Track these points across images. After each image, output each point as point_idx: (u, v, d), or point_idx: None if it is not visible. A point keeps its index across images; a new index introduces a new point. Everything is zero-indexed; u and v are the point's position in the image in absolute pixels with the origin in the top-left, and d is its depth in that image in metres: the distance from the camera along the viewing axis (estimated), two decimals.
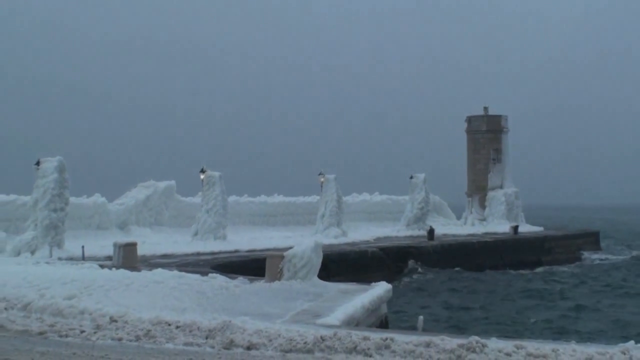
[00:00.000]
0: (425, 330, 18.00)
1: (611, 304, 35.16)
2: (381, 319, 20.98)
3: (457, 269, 47.10)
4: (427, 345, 12.56)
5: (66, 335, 14.05)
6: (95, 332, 14.19)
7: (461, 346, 12.35)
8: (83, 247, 32.50)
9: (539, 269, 53.05)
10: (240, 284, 21.98)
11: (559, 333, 26.32)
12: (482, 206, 70.83)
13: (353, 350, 12.49)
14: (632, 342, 13.01)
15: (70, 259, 30.65)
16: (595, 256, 61.65)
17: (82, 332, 14.26)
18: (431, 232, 53.20)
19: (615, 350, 12.06)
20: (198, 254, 35.64)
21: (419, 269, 44.34)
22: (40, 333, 14.25)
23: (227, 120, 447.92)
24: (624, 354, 11.76)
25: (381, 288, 21.93)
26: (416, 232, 55.86)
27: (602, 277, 47.60)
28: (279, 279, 23.13)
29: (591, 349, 12.44)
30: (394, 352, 12.35)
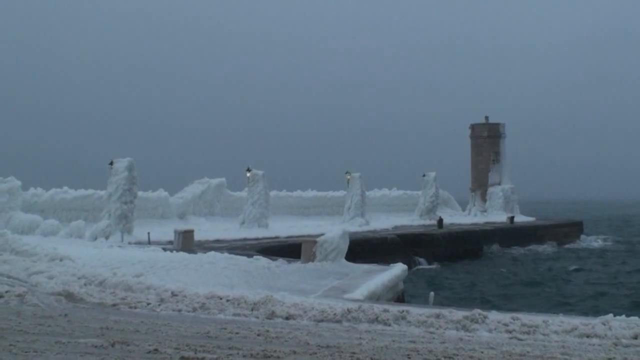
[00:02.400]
0: (436, 304, 17.88)
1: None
2: (398, 294, 20.92)
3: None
4: (437, 316, 12.53)
5: (135, 307, 14.15)
6: (159, 305, 14.27)
7: (466, 317, 12.32)
8: (149, 233, 32.71)
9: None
10: (280, 265, 22.00)
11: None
12: (484, 200, 70.76)
13: (375, 320, 12.47)
14: (610, 314, 12.87)
15: (138, 243, 30.85)
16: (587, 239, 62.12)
17: (148, 304, 14.35)
18: (440, 221, 53.22)
19: (596, 321, 11.98)
20: (244, 239, 35.73)
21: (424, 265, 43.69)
22: (114, 305, 14.36)
23: (268, 127, 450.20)
24: (604, 324, 11.65)
25: (398, 268, 21.91)
26: (428, 222, 55.88)
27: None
28: (313, 261, 23.15)
29: (576, 320, 12.38)
30: (409, 322, 12.33)
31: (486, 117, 73.50)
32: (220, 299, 14.37)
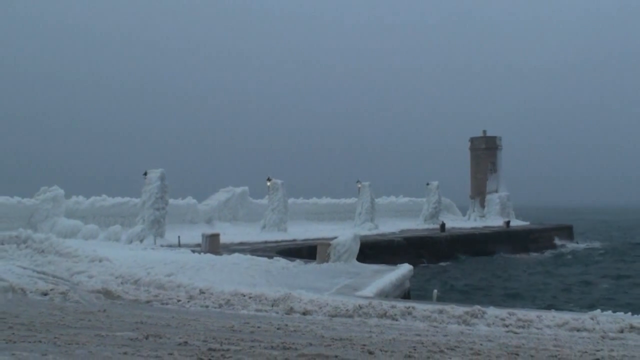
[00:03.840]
0: (439, 300, 17.77)
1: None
2: (405, 292, 20.79)
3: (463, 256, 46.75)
4: (440, 312, 12.45)
5: (166, 303, 14.16)
6: (188, 301, 14.27)
7: (467, 313, 12.23)
8: (179, 237, 32.79)
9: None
10: (297, 265, 21.99)
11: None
12: (482, 206, 70.48)
13: (383, 315, 12.40)
14: (598, 310, 12.75)
15: (169, 245, 30.94)
16: (569, 245, 60.95)
17: (179, 301, 14.35)
18: (443, 226, 52.98)
19: (585, 316, 11.87)
20: (265, 242, 35.72)
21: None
22: (147, 301, 14.36)
23: (287, 141, 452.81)
24: (593, 319, 11.55)
25: (405, 268, 21.80)
26: (431, 226, 55.57)
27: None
28: (327, 262, 23.10)
29: (567, 315, 12.27)
30: (414, 317, 12.26)
31: (484, 131, 73.44)
32: (244, 296, 14.36)
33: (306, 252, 29.51)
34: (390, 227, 51.50)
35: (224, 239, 32.09)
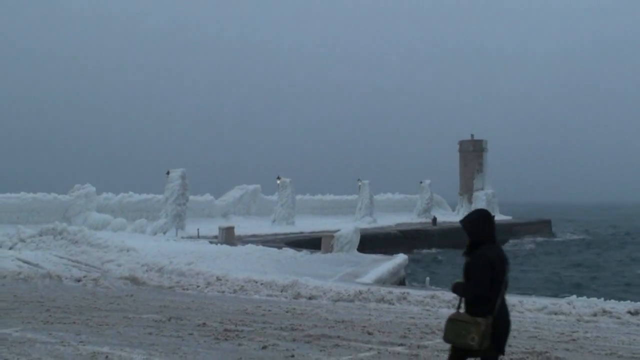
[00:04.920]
0: (431, 287, 17.86)
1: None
2: (400, 279, 20.85)
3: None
4: (432, 297, 12.50)
5: (187, 289, 14.27)
6: (206, 287, 14.37)
7: (456, 298, 12.24)
8: (198, 229, 32.87)
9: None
10: (304, 255, 22.03)
11: None
12: (470, 202, 70.19)
13: (381, 300, 12.48)
14: (574, 295, 12.76)
15: (190, 237, 31.01)
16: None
17: (198, 286, 14.46)
18: (434, 220, 52.90)
19: (562, 301, 11.86)
20: (275, 234, 35.74)
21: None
22: (170, 287, 14.50)
23: (296, 143, 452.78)
24: (569, 304, 11.55)
25: (400, 258, 21.84)
26: (424, 220, 55.41)
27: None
28: (331, 252, 23.15)
29: (546, 300, 12.28)
30: (409, 302, 12.32)
31: (472, 135, 73.38)
32: (256, 282, 14.45)
33: (312, 243, 29.47)
34: (387, 220, 51.36)
35: (238, 232, 32.15)
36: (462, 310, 4.66)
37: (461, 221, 4.84)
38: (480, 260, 4.52)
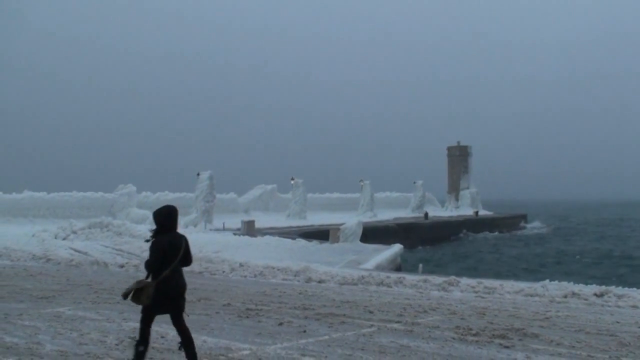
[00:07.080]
0: (424, 272, 17.75)
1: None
2: (397, 266, 20.75)
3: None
4: (425, 281, 12.42)
5: (214, 274, 14.26)
6: (230, 272, 14.36)
7: (445, 281, 12.19)
8: (224, 223, 32.91)
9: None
10: (314, 244, 22.04)
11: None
12: (457, 199, 70.11)
13: (381, 283, 12.41)
14: (547, 280, 12.58)
15: (216, 230, 31.07)
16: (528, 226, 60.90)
17: (223, 272, 14.45)
18: (426, 214, 52.78)
19: (537, 285, 11.73)
20: (290, 227, 35.62)
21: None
22: (199, 272, 14.48)
23: (308, 149, 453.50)
24: (543, 287, 11.44)
25: (397, 247, 21.70)
26: (417, 215, 55.30)
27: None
28: (337, 242, 23.12)
29: (523, 284, 12.15)
30: (405, 285, 12.24)
31: (458, 142, 73.39)
32: (273, 268, 14.44)
33: (321, 234, 29.43)
34: (386, 215, 51.19)
35: (258, 225, 32.12)
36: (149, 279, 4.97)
37: (153, 213, 5.14)
38: (154, 244, 4.92)
